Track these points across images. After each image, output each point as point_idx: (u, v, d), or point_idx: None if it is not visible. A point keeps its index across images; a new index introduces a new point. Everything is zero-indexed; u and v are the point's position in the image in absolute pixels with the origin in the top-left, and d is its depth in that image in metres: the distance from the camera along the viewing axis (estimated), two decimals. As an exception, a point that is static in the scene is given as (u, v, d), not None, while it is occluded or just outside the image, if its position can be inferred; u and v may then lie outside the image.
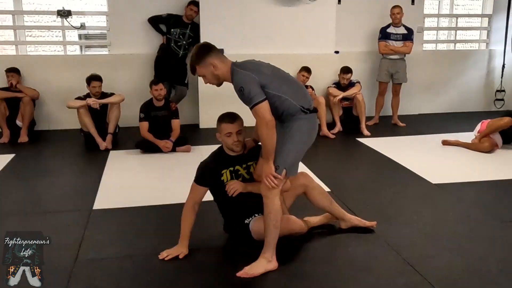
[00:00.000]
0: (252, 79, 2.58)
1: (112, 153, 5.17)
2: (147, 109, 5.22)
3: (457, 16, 7.90)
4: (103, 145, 5.30)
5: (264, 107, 2.54)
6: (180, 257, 2.81)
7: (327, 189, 4.00)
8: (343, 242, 3.07)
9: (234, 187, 2.90)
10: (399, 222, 3.40)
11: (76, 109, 5.37)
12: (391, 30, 6.49)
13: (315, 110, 2.76)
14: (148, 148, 5.14)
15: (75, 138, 5.74)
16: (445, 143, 5.48)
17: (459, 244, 3.05)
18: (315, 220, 3.24)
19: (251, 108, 2.57)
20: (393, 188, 4.18)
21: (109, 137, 5.40)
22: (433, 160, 4.99)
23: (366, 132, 6.08)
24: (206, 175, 2.91)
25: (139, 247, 3.02)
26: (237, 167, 2.94)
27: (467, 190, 4.08)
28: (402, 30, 6.49)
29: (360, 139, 5.85)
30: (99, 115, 5.45)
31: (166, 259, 2.79)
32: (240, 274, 2.61)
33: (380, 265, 2.80)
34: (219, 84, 2.73)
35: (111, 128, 5.46)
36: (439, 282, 2.58)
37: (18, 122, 5.79)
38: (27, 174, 4.57)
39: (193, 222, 2.89)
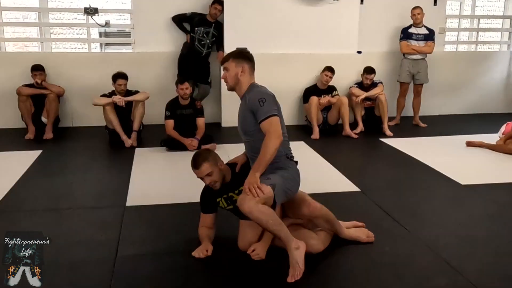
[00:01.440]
0: (273, 99, 2.74)
1: (138, 151, 5.20)
2: (172, 107, 5.26)
3: (478, 17, 7.86)
4: (128, 142, 5.33)
5: (278, 121, 2.64)
6: (209, 253, 2.82)
7: (357, 189, 4.04)
8: (379, 241, 3.05)
9: (259, 256, 2.80)
10: (433, 223, 3.40)
11: (102, 106, 5.42)
12: (412, 30, 6.48)
13: (296, 162, 2.85)
14: (174, 146, 5.17)
15: (99, 135, 5.78)
16: (469, 144, 5.45)
17: (497, 245, 3.05)
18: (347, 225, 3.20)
19: (265, 119, 2.61)
20: (423, 189, 4.18)
21: (134, 135, 5.43)
22: (459, 161, 4.98)
23: (388, 132, 6.08)
24: (206, 204, 3.01)
25: (176, 243, 3.05)
26: (230, 193, 2.93)
27: (497, 192, 4.07)
28: (423, 31, 6.48)
29: (383, 139, 5.84)
30: (124, 113, 5.48)
31: (197, 256, 2.81)
32: (291, 279, 2.56)
33: (420, 265, 2.81)
34: (231, 87, 2.82)
35: (135, 126, 5.49)
36: (482, 282, 2.58)
37: (43, 119, 5.83)
38: (56, 170, 4.61)
39: (211, 236, 2.97)
